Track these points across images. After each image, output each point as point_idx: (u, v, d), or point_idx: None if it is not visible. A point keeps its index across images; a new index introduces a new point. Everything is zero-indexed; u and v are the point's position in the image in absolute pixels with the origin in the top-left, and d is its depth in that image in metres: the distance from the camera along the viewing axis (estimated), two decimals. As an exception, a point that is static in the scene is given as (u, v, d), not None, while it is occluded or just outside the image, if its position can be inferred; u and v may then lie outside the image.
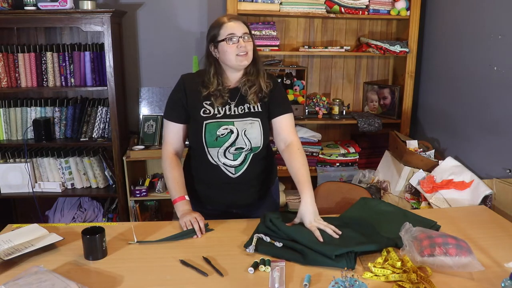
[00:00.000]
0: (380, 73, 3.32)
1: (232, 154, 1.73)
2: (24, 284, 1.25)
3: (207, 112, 1.72)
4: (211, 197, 1.85)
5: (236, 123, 1.72)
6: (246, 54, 1.68)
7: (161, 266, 1.46)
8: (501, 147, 2.20)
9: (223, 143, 1.71)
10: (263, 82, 1.75)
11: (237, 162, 1.74)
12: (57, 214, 3.13)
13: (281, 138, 1.80)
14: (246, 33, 1.69)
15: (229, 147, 1.71)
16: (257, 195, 1.87)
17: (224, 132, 1.70)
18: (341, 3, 2.90)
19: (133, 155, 2.90)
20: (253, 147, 1.74)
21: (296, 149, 1.76)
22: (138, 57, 3.18)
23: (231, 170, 1.76)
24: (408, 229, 1.51)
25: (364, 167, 3.08)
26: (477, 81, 2.41)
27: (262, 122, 1.75)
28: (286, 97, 1.90)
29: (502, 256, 1.52)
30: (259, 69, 1.76)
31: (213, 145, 1.71)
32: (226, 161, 1.74)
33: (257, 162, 1.80)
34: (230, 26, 1.67)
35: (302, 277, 1.38)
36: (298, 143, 1.78)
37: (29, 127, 2.94)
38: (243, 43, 1.66)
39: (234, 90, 1.76)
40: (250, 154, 1.76)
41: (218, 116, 1.72)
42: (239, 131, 1.71)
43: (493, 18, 2.27)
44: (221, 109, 1.73)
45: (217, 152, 1.72)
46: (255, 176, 1.82)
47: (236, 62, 1.68)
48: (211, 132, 1.70)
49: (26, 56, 2.84)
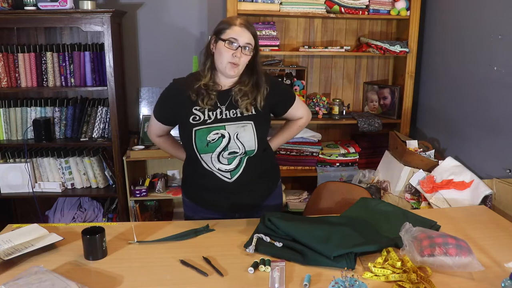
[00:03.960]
0: (380, 73, 3.32)
1: (226, 159, 1.70)
2: (24, 284, 1.25)
3: (197, 119, 1.69)
4: (212, 202, 1.82)
5: (228, 127, 1.68)
6: (236, 65, 1.64)
7: (161, 266, 1.46)
8: (501, 147, 2.20)
9: (215, 148, 1.68)
10: (261, 97, 1.71)
11: (232, 166, 1.72)
12: (57, 214, 3.13)
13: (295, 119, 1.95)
14: (249, 45, 1.64)
15: (222, 152, 1.69)
16: (258, 198, 1.86)
17: (214, 137, 1.67)
18: (341, 3, 2.90)
19: (133, 155, 2.90)
20: (247, 150, 1.70)
21: (296, 126, 1.95)
22: (138, 57, 3.18)
23: (226, 175, 1.73)
24: (408, 229, 1.51)
25: (364, 167, 3.08)
26: (477, 81, 2.41)
27: (256, 125, 1.71)
28: (285, 86, 1.93)
29: (502, 256, 1.52)
30: (259, 85, 1.71)
31: (204, 151, 1.69)
32: (220, 166, 1.71)
33: (254, 165, 1.76)
34: (237, 30, 1.63)
35: (302, 277, 1.38)
36: (304, 120, 1.94)
37: (29, 127, 2.94)
38: (239, 54, 1.63)
39: (224, 93, 1.72)
40: (244, 158, 1.73)
41: (208, 121, 1.69)
42: (231, 135, 1.68)
43: (493, 18, 2.27)
44: (212, 114, 1.69)
45: (210, 157, 1.70)
46: (253, 179, 1.78)
47: (224, 67, 1.65)
48: (201, 139, 1.67)
49: (26, 56, 2.84)
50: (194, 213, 1.87)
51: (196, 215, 1.85)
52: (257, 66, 1.72)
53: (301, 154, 3.09)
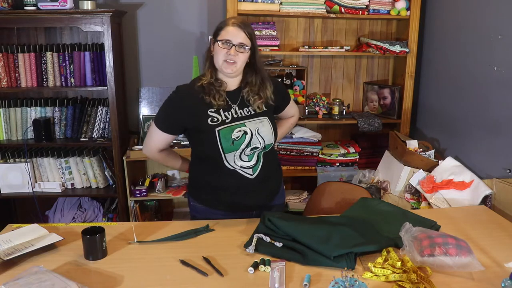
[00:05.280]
0: (380, 73, 3.32)
1: (247, 156, 1.74)
2: (24, 284, 1.25)
3: (215, 121, 1.71)
4: (234, 203, 1.82)
5: (248, 123, 1.73)
6: (234, 63, 1.68)
7: (161, 266, 1.46)
8: (501, 147, 2.20)
9: (240, 145, 1.71)
10: (269, 92, 1.79)
11: (252, 162, 1.76)
12: (57, 214, 3.13)
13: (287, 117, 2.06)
14: (243, 44, 1.67)
15: (245, 149, 1.72)
16: (273, 192, 1.91)
17: (238, 135, 1.71)
18: (341, 3, 2.90)
19: (133, 155, 2.90)
20: (266, 144, 1.76)
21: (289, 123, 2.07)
22: (138, 57, 3.18)
23: (249, 172, 1.77)
24: (408, 229, 1.51)
25: (364, 167, 3.08)
26: (477, 81, 2.41)
27: (270, 119, 1.80)
28: (283, 87, 2.00)
29: (502, 256, 1.52)
30: (264, 81, 1.77)
31: (230, 150, 1.71)
32: (242, 164, 1.74)
33: (269, 159, 1.82)
34: (229, 31, 1.68)
35: (302, 277, 1.38)
36: (295, 118, 2.08)
37: (29, 127, 2.94)
38: (233, 52, 1.66)
39: (233, 93, 1.76)
40: (261, 153, 1.78)
41: (227, 121, 1.72)
42: (252, 131, 1.73)
43: (493, 18, 2.27)
44: (228, 114, 1.73)
45: (234, 156, 1.72)
46: (270, 174, 1.85)
47: (221, 66, 1.69)
48: (226, 137, 1.69)
49: (26, 56, 2.84)
50: (207, 217, 1.83)
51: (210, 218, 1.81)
52: (259, 64, 1.77)
53: (301, 154, 3.09)
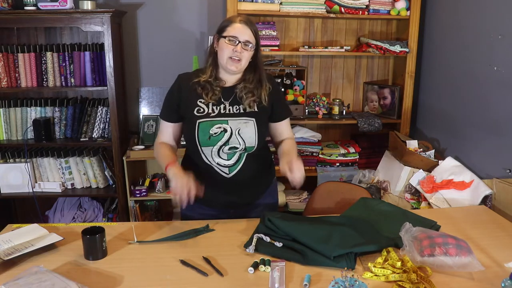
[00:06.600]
0: (380, 73, 3.32)
1: (226, 154, 1.73)
2: (24, 284, 1.25)
3: (201, 111, 1.73)
4: (207, 198, 1.79)
5: (230, 122, 1.72)
6: (238, 60, 1.68)
7: (161, 266, 1.46)
8: (501, 147, 2.20)
9: (216, 142, 1.71)
10: (264, 92, 1.76)
11: (231, 162, 1.74)
12: (57, 214, 3.13)
13: (281, 138, 1.89)
14: (249, 42, 1.68)
15: (223, 146, 1.71)
16: (253, 195, 1.87)
17: (217, 131, 1.70)
18: (341, 3, 2.90)
19: (133, 155, 2.90)
20: (247, 146, 1.73)
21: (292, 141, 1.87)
22: (138, 57, 3.18)
23: (224, 170, 1.75)
24: (408, 229, 1.51)
25: (364, 167, 3.08)
26: (477, 81, 2.41)
27: (257, 122, 1.74)
28: (283, 96, 1.93)
29: (502, 256, 1.52)
30: (261, 80, 1.76)
31: (206, 144, 1.71)
32: (220, 161, 1.74)
33: (252, 162, 1.78)
34: (237, 27, 1.68)
35: (302, 277, 1.38)
36: (293, 139, 1.90)
37: (29, 127, 2.94)
38: (239, 49, 1.67)
39: (228, 90, 1.76)
40: (244, 154, 1.75)
41: (212, 115, 1.72)
42: (233, 130, 1.71)
43: (493, 18, 2.27)
44: (216, 108, 1.73)
45: (211, 151, 1.72)
46: (250, 177, 1.80)
47: (226, 63, 1.69)
48: (204, 131, 1.70)
49: (26, 56, 2.84)
50: (189, 210, 1.83)
51: (192, 211, 1.84)
52: (259, 63, 1.77)
53: (301, 154, 3.09)
